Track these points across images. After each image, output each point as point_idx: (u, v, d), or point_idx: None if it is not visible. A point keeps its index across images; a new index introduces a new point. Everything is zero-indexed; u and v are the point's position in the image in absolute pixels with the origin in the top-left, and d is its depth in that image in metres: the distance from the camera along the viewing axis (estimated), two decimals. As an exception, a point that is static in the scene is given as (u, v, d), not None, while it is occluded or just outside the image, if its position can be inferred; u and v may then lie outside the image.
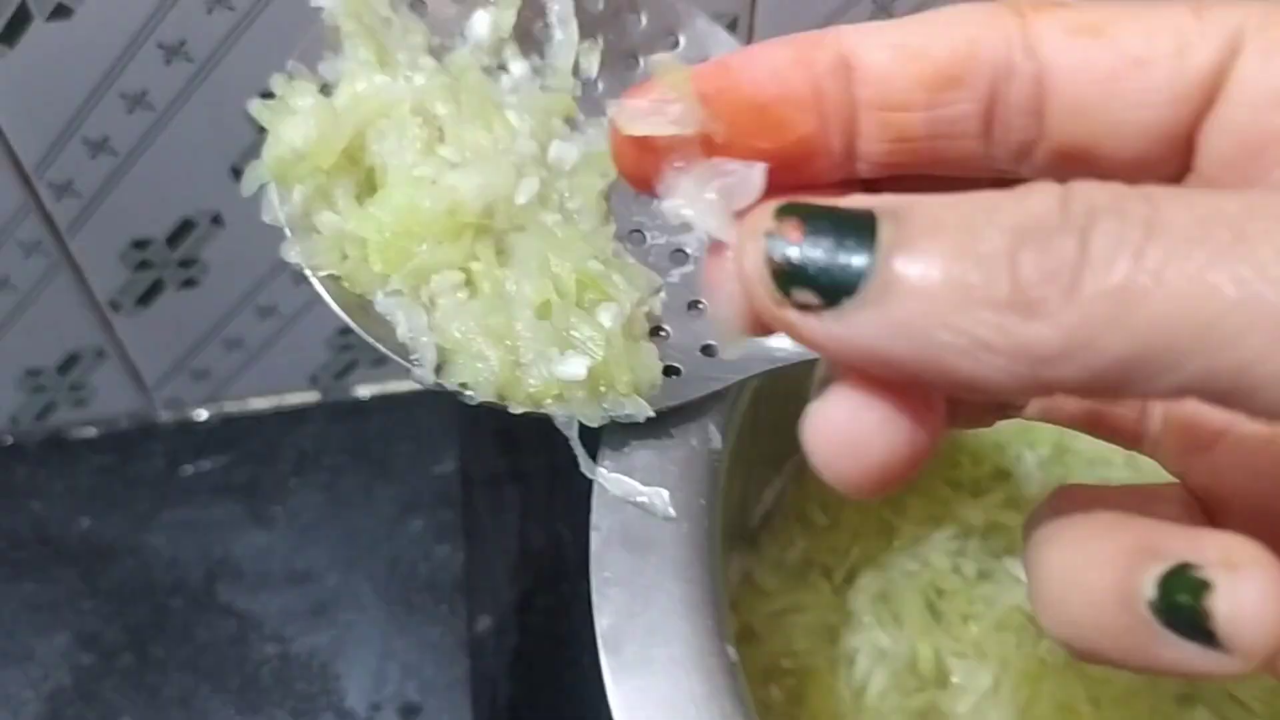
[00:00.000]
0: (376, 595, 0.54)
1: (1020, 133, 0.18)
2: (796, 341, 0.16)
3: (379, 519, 0.56)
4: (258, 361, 0.56)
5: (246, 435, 0.58)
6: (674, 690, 0.27)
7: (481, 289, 0.30)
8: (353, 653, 0.52)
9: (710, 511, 0.30)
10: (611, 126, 0.20)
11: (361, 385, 0.59)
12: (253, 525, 0.55)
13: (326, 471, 0.57)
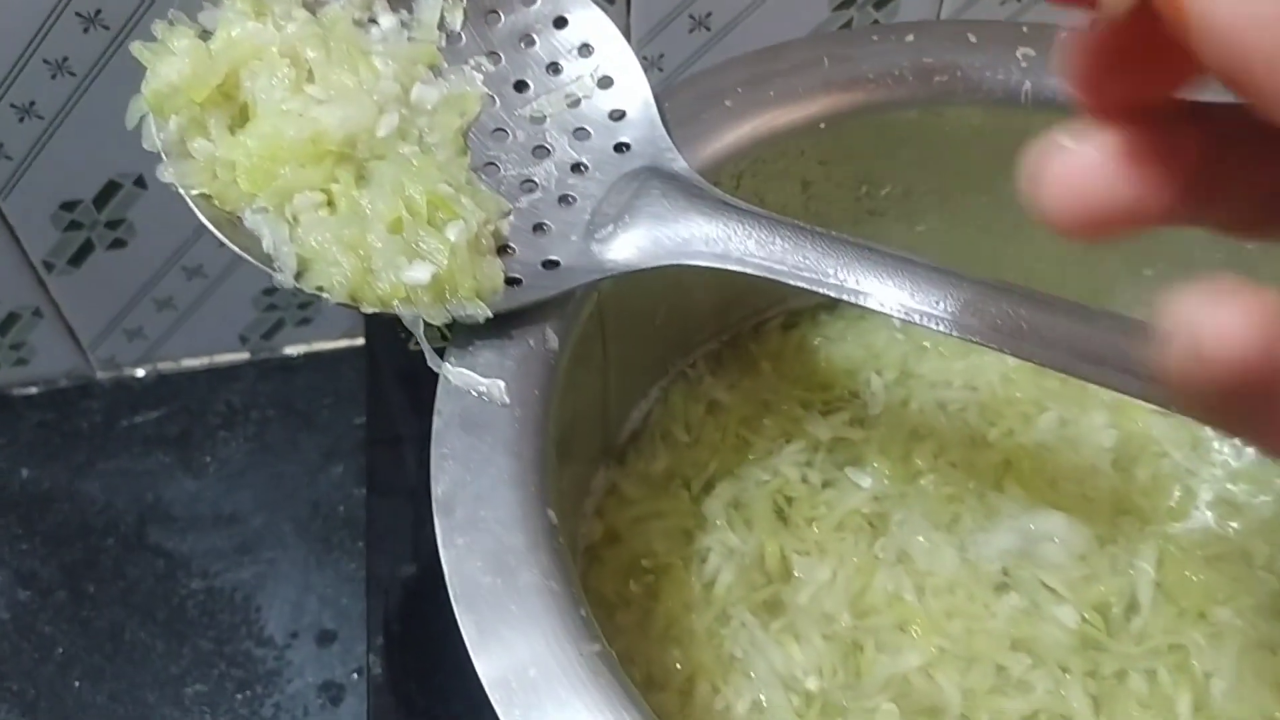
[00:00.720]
0: (298, 535, 0.57)
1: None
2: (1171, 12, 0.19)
3: (302, 466, 0.59)
4: (188, 321, 0.60)
5: (180, 392, 0.61)
6: (497, 545, 0.31)
7: (340, 207, 0.34)
8: (274, 587, 0.56)
9: (543, 401, 0.34)
10: None
11: (289, 345, 0.63)
12: (183, 473, 0.59)
13: (254, 424, 0.61)
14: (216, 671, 0.54)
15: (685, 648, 0.40)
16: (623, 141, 0.38)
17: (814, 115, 0.41)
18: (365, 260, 0.33)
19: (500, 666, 0.29)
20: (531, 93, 0.39)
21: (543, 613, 0.29)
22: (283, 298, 0.60)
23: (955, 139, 0.43)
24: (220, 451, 0.60)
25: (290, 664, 0.54)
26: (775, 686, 0.39)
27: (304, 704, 0.53)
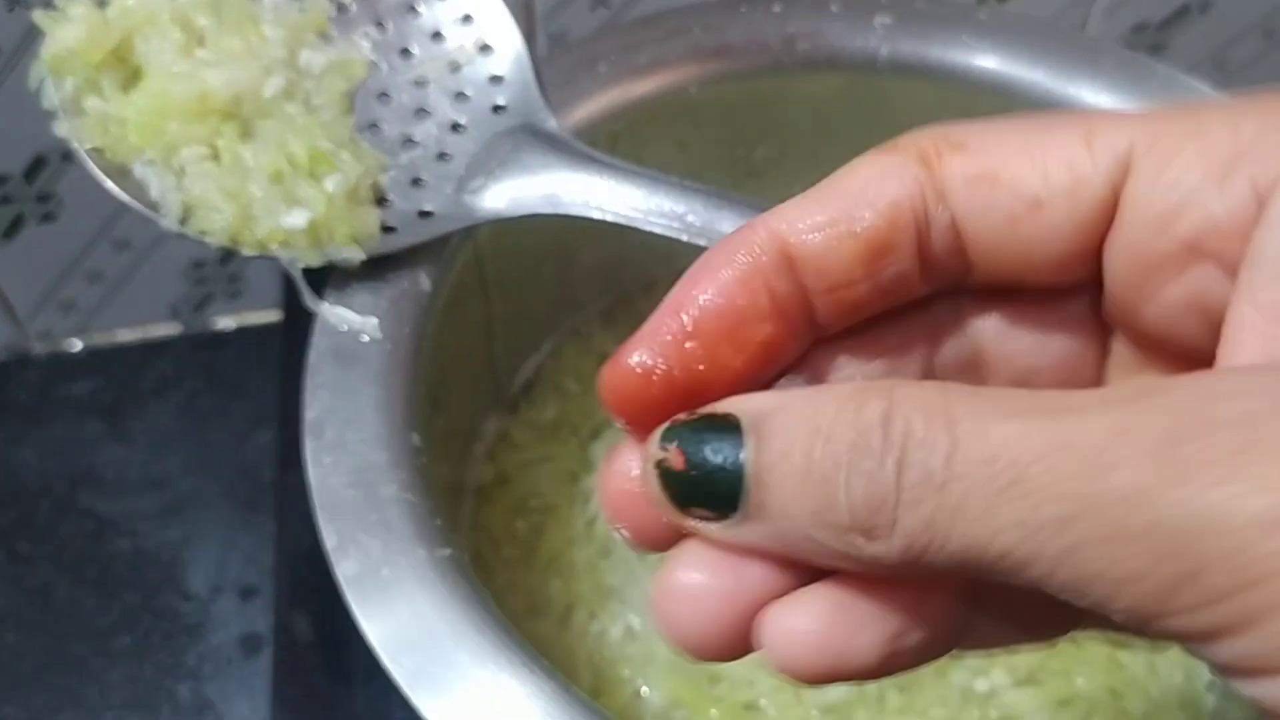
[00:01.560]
0: (224, 497, 0.60)
1: (952, 271, 0.20)
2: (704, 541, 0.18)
3: (230, 433, 0.62)
4: (119, 294, 0.62)
5: (113, 363, 0.64)
6: (361, 463, 0.33)
7: (224, 160, 0.37)
8: (199, 546, 0.58)
9: (414, 338, 0.36)
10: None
11: (221, 317, 0.65)
12: (114, 441, 0.61)
13: (184, 393, 0.63)
14: (143, 625, 0.56)
15: (566, 579, 0.43)
16: (499, 103, 0.41)
17: (684, 80, 0.44)
18: (246, 207, 0.36)
19: (356, 567, 0.31)
20: (416, 59, 0.42)
21: (398, 520, 0.32)
22: (211, 270, 0.63)
23: (821, 103, 0.46)
24: (151, 420, 0.62)
25: (213, 618, 0.56)
26: (649, 613, 0.42)
27: (226, 654, 0.55)
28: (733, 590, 0.18)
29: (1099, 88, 0.42)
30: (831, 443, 0.16)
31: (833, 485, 0.16)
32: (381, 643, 0.30)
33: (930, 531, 0.16)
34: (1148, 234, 0.18)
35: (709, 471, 0.17)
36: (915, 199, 0.19)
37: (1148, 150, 0.18)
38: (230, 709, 0.54)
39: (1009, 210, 0.19)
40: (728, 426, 0.17)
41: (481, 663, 0.29)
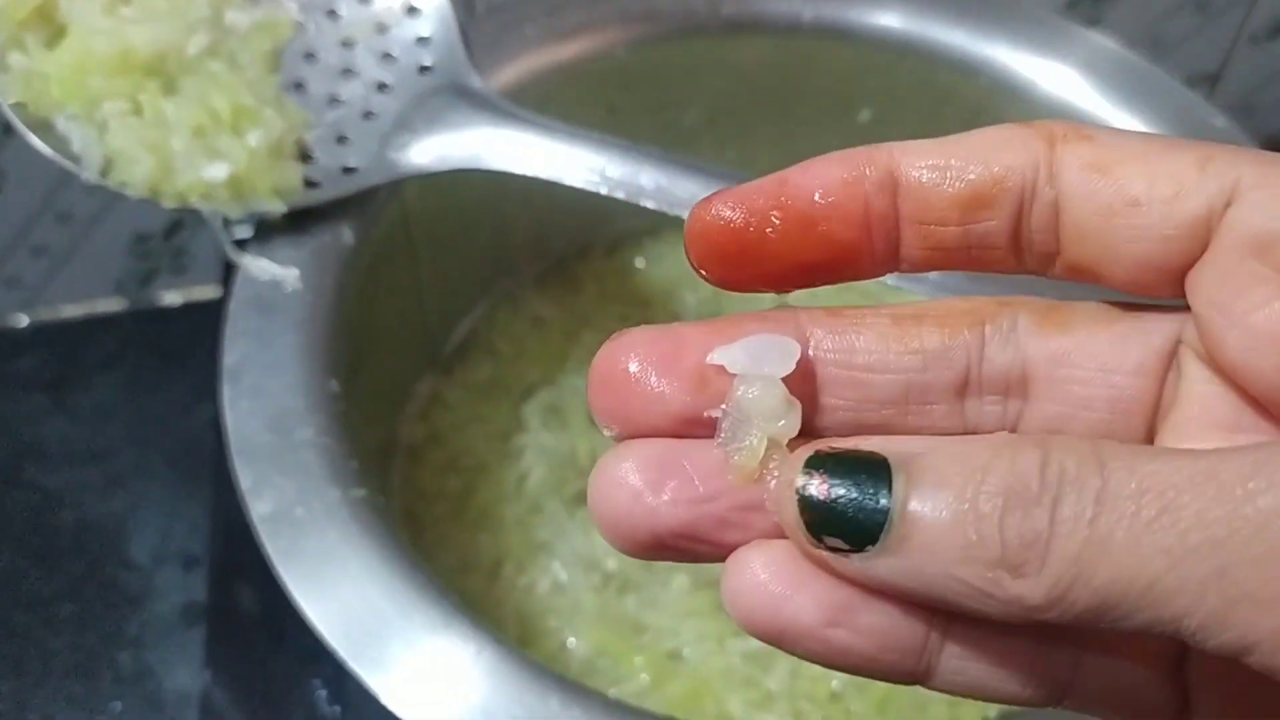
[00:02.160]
0: (168, 469, 0.60)
1: (1040, 246, 0.20)
2: (832, 575, 0.18)
3: (174, 406, 0.62)
4: (64, 268, 0.62)
5: (58, 339, 0.64)
6: (277, 408, 0.34)
7: (146, 114, 0.37)
8: (143, 517, 0.59)
9: (336, 289, 0.37)
10: None
11: (167, 293, 0.66)
12: (58, 414, 0.62)
13: (129, 368, 0.63)
14: (86, 594, 0.56)
15: (495, 535, 0.43)
16: (425, 64, 0.41)
17: (611, 43, 0.44)
18: (166, 160, 0.36)
19: (270, 507, 0.32)
20: (343, 20, 0.42)
21: (314, 462, 0.32)
22: (155, 245, 0.63)
23: (748, 66, 0.46)
24: (95, 394, 0.62)
25: (156, 587, 0.56)
26: (576, 567, 0.42)
27: (168, 623, 0.55)
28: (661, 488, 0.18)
29: (1017, 48, 0.43)
30: (989, 482, 0.17)
31: (988, 521, 0.17)
32: (294, 580, 0.31)
33: (1078, 566, 0.16)
34: (1242, 256, 0.19)
35: (854, 501, 0.17)
36: (1028, 169, 0.19)
37: (1255, 184, 0.19)
38: (171, 676, 0.54)
39: (1108, 202, 0.19)
40: (874, 461, 0.18)
41: (386, 593, 0.30)
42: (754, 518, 0.18)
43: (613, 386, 0.19)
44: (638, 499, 0.18)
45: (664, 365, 0.19)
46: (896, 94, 0.46)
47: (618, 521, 0.18)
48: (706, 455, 0.18)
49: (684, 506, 0.18)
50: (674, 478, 0.18)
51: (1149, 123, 0.41)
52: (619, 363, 0.19)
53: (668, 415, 0.19)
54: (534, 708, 0.30)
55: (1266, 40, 0.67)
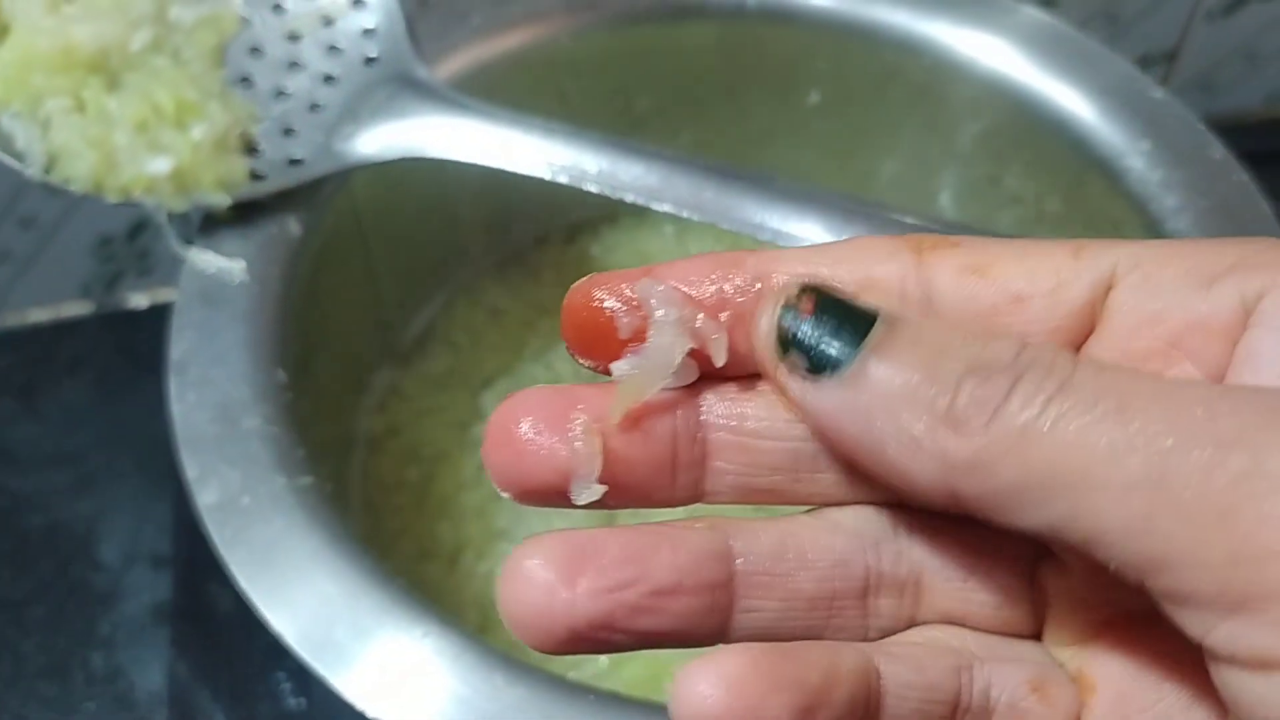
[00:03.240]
0: (137, 471, 0.60)
1: None
2: (780, 394, 0.19)
3: (143, 407, 0.62)
4: (29, 272, 0.63)
5: (25, 343, 0.64)
6: (224, 398, 0.34)
7: (89, 110, 0.37)
8: (112, 518, 0.59)
9: (283, 280, 0.37)
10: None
11: (133, 295, 0.66)
12: (27, 418, 0.62)
13: (97, 370, 0.63)
14: (56, 596, 0.56)
15: (455, 523, 0.44)
16: (371, 55, 0.42)
17: (557, 31, 0.45)
18: (109, 155, 0.36)
19: (216, 496, 0.32)
20: (288, 14, 0.42)
21: (260, 451, 0.33)
22: (120, 247, 0.63)
23: (696, 52, 0.47)
24: (64, 397, 0.62)
25: (126, 587, 0.57)
26: (536, 551, 0.43)
27: (139, 623, 0.56)
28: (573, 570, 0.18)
29: (958, 25, 0.43)
30: (961, 349, 0.17)
31: (947, 375, 0.17)
32: (240, 569, 0.31)
33: (1018, 437, 0.16)
34: (1131, 333, 0.19)
35: (831, 327, 0.18)
36: (894, 279, 0.20)
37: (1133, 267, 0.19)
38: (143, 676, 0.55)
39: (991, 301, 0.19)
40: (865, 312, 0.18)
41: (334, 579, 0.30)
42: (669, 602, 0.18)
43: (506, 447, 0.19)
44: (551, 594, 0.18)
45: (555, 423, 0.19)
46: (843, 75, 0.46)
47: (530, 620, 0.18)
48: (613, 543, 0.18)
49: (599, 597, 0.18)
50: (586, 568, 0.18)
51: (1089, 95, 0.41)
52: (512, 423, 0.19)
53: (559, 472, 0.19)
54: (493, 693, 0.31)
55: (1222, 17, 0.67)
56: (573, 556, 0.18)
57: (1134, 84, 0.42)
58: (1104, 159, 0.41)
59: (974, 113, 0.44)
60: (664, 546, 0.18)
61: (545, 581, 0.18)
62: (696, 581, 0.18)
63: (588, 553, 0.18)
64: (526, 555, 0.18)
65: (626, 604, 0.18)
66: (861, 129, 0.48)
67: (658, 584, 0.18)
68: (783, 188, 0.36)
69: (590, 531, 0.18)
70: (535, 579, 0.18)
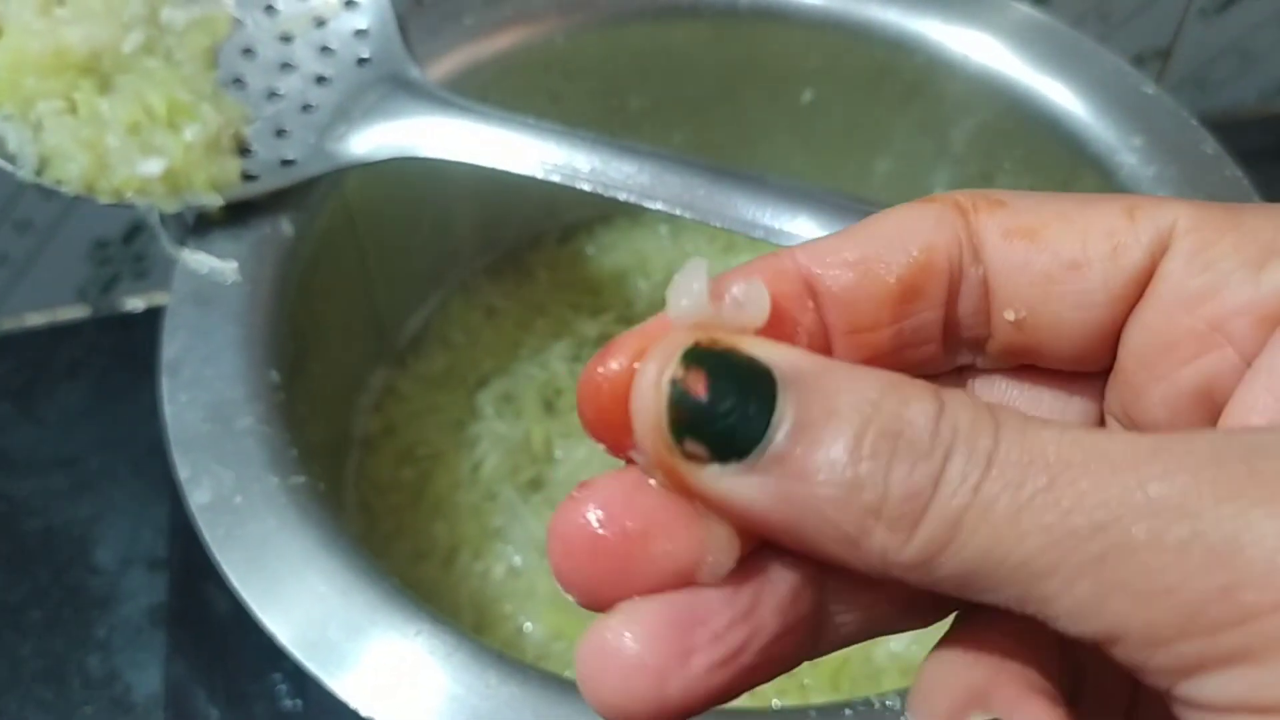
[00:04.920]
0: (135, 474, 0.60)
1: (972, 331, 0.19)
2: (674, 484, 0.16)
3: (140, 409, 0.62)
4: (25, 276, 0.63)
5: (23, 347, 0.64)
6: (217, 398, 0.34)
7: (81, 112, 0.37)
8: (109, 521, 0.59)
9: (276, 280, 0.37)
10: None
11: (130, 298, 0.66)
12: (24, 421, 0.62)
13: (95, 374, 0.63)
14: (54, 600, 0.56)
15: (451, 522, 0.44)
16: (363, 56, 0.42)
17: (550, 31, 0.45)
18: (101, 157, 0.37)
19: (209, 495, 0.32)
20: (280, 15, 0.42)
21: (253, 450, 0.33)
22: (115, 250, 0.63)
23: (690, 51, 0.47)
24: (61, 400, 0.62)
25: (123, 590, 0.57)
26: (530, 552, 0.43)
27: (136, 626, 0.56)
28: (669, 656, 0.16)
29: (949, 23, 0.43)
30: (880, 422, 0.15)
31: (875, 466, 0.15)
32: (233, 569, 0.31)
33: (954, 530, 0.15)
34: (1175, 310, 0.18)
35: (732, 407, 0.15)
36: (951, 247, 0.18)
37: (1188, 230, 0.18)
38: (140, 679, 0.55)
39: (1045, 269, 0.18)
40: (760, 371, 0.15)
41: (327, 579, 0.30)
42: (783, 646, 0.17)
43: (593, 552, 0.16)
44: (662, 681, 0.16)
45: (661, 510, 0.16)
46: (836, 73, 0.46)
47: (638, 709, 0.16)
48: (718, 602, 0.16)
49: (718, 671, 0.16)
50: (697, 640, 0.16)
51: (1081, 92, 0.41)
52: (590, 525, 0.16)
53: (680, 574, 0.16)
54: (487, 692, 0.31)
55: (1215, 14, 0.67)
56: (679, 626, 0.16)
57: (1126, 80, 0.42)
58: (1096, 155, 0.41)
59: (967, 110, 0.44)
60: (765, 590, 0.17)
61: (651, 665, 0.15)
62: (799, 619, 0.17)
63: (695, 619, 0.16)
64: (617, 631, 0.16)
65: (745, 667, 0.16)
66: (854, 127, 0.48)
67: (771, 635, 0.16)
68: (775, 186, 0.36)
69: (688, 594, 0.16)
70: (636, 662, 0.15)
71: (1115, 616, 0.15)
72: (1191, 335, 0.18)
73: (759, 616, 0.16)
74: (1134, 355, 0.18)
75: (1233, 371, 0.18)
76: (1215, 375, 0.18)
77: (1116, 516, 0.14)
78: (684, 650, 0.16)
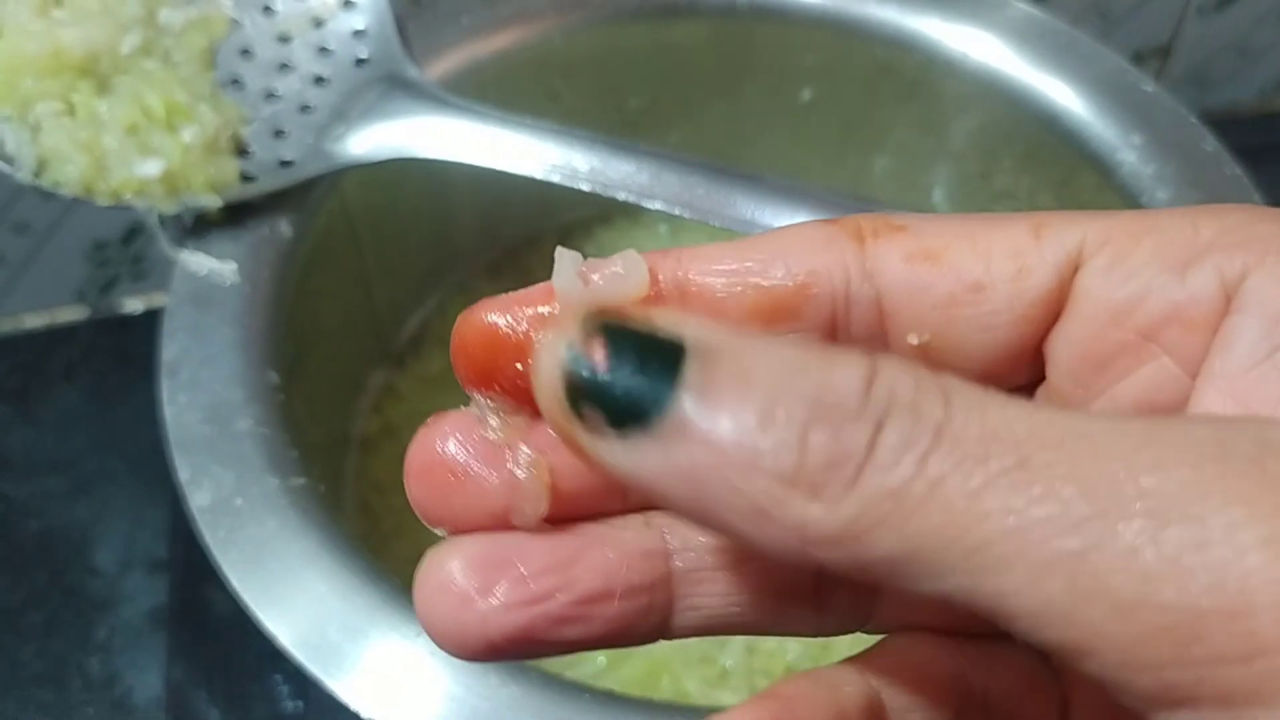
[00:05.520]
0: (133, 475, 0.60)
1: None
2: (577, 455, 0.15)
3: (137, 411, 0.62)
4: (23, 278, 0.62)
5: (20, 348, 0.64)
6: (216, 399, 0.34)
7: (79, 114, 0.37)
8: (108, 523, 0.59)
9: (275, 281, 0.37)
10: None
11: (128, 300, 0.66)
12: (22, 423, 0.62)
13: (93, 375, 0.63)
14: (53, 602, 0.56)
15: (451, 523, 0.43)
16: (361, 56, 0.42)
17: (548, 30, 0.45)
18: (99, 158, 0.36)
19: (210, 498, 0.32)
20: (278, 15, 0.42)
21: (253, 452, 0.33)
22: (114, 252, 0.63)
23: (689, 50, 0.47)
24: (59, 402, 0.62)
25: (122, 592, 0.56)
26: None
27: (136, 628, 0.56)
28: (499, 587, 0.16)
29: (948, 21, 0.43)
30: (798, 384, 0.14)
31: (788, 428, 0.14)
32: (234, 571, 0.31)
33: (895, 503, 0.13)
34: (1102, 325, 0.17)
35: (631, 376, 0.14)
36: (836, 272, 0.17)
37: (1101, 245, 0.17)
38: (140, 681, 0.55)
39: (946, 291, 0.17)
40: (667, 342, 0.15)
41: (327, 580, 0.30)
42: (598, 609, 0.17)
43: (433, 478, 0.17)
44: (467, 604, 0.16)
45: (490, 450, 0.17)
46: (835, 72, 0.46)
47: (446, 629, 0.16)
48: (537, 549, 0.17)
49: (517, 610, 0.16)
50: (505, 577, 0.16)
51: (1080, 90, 0.41)
52: (435, 449, 0.17)
53: (493, 514, 0.17)
54: (488, 693, 0.31)
55: (1215, 11, 0.67)
56: (491, 563, 0.16)
57: (1125, 78, 0.42)
58: (1096, 153, 0.41)
59: (966, 108, 0.44)
60: (592, 549, 0.17)
61: (460, 590, 0.16)
62: (628, 585, 0.17)
63: (508, 559, 0.16)
64: (444, 558, 0.17)
65: (549, 615, 0.16)
66: (853, 126, 0.48)
67: (584, 591, 0.17)
68: (774, 184, 0.36)
69: (515, 536, 0.17)
70: (450, 586, 0.16)
71: (1090, 627, 0.13)
72: (1124, 348, 0.17)
73: (577, 571, 0.17)
74: (1067, 373, 0.18)
75: (1172, 381, 0.17)
76: (1155, 386, 0.17)
77: (1101, 510, 0.13)
78: (487, 583, 0.16)
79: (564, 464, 0.17)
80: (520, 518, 0.17)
